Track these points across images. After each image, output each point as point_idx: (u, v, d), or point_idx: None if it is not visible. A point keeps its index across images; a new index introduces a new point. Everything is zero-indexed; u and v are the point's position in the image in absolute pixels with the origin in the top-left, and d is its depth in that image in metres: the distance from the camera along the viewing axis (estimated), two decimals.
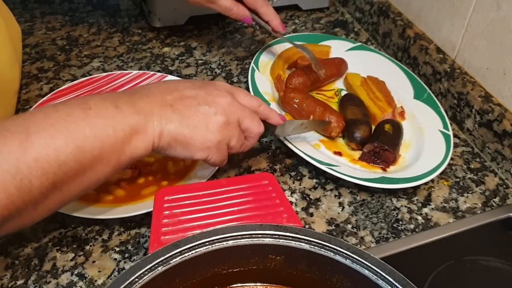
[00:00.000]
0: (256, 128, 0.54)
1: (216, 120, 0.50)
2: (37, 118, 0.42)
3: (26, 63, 0.81)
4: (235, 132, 0.52)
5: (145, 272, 0.38)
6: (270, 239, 0.42)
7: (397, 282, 0.39)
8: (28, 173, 0.39)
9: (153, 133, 0.47)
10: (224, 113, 0.51)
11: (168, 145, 0.49)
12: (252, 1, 0.66)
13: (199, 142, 0.49)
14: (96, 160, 0.43)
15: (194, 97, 0.50)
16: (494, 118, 0.67)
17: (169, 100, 0.49)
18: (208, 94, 0.51)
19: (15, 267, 0.53)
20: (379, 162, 0.66)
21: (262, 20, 0.69)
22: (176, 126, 0.48)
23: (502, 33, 0.66)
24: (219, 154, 0.52)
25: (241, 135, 0.54)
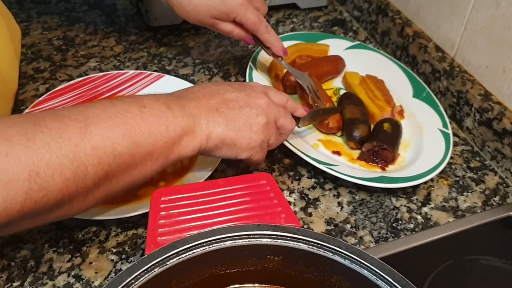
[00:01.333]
0: (290, 125, 0.57)
1: (259, 121, 0.52)
2: (96, 109, 0.43)
3: (22, 63, 0.81)
4: (273, 131, 0.55)
5: (142, 273, 0.38)
6: (268, 240, 0.42)
7: (397, 282, 0.39)
8: (85, 160, 0.40)
9: (201, 136, 0.49)
10: (264, 113, 0.53)
11: (215, 146, 0.51)
12: (253, 27, 0.66)
13: (245, 143, 0.52)
14: (147, 156, 0.45)
15: (236, 99, 0.52)
16: (494, 116, 0.67)
17: (214, 104, 0.51)
18: (247, 96, 0.53)
19: (11, 268, 0.52)
20: (378, 161, 0.65)
21: (263, 45, 0.69)
22: (223, 129, 0.50)
23: (501, 31, 0.66)
24: (261, 152, 0.55)
25: (278, 133, 0.56)
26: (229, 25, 0.66)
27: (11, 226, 0.39)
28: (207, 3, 0.63)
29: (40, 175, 0.38)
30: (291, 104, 0.60)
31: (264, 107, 0.53)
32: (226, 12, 0.64)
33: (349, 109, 0.70)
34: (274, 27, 0.94)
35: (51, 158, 0.38)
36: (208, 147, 0.50)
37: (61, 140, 0.39)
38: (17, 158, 0.37)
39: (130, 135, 0.44)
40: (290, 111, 0.59)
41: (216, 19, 0.65)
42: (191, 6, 0.64)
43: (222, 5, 0.63)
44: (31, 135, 0.38)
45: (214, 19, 0.65)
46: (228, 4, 0.63)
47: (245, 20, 0.65)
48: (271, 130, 0.54)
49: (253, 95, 0.54)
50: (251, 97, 0.53)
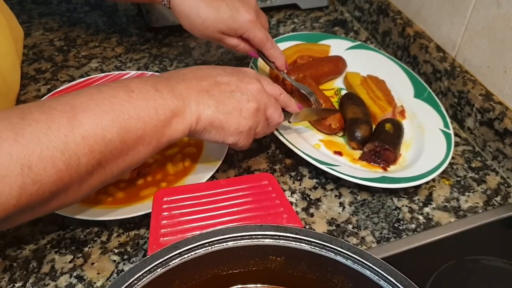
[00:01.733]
0: (278, 117, 0.57)
1: (249, 107, 0.52)
2: (82, 98, 0.43)
3: (24, 64, 0.81)
4: (262, 119, 0.55)
5: (144, 274, 0.38)
6: (270, 240, 0.42)
7: (399, 282, 0.39)
8: (77, 150, 0.40)
9: (191, 117, 0.49)
10: (255, 100, 0.53)
11: (204, 129, 0.50)
12: (259, 43, 0.66)
13: (233, 127, 0.51)
14: (138, 140, 0.45)
15: (228, 83, 0.52)
16: (495, 116, 0.67)
17: (204, 86, 0.51)
18: (240, 80, 0.53)
19: (13, 269, 0.52)
20: (380, 162, 0.65)
21: (267, 59, 0.69)
22: (213, 111, 0.50)
23: (503, 31, 0.66)
24: (248, 138, 0.54)
25: (265, 122, 0.56)
26: (235, 40, 0.66)
27: (9, 220, 0.39)
28: (216, 18, 0.62)
29: (32, 169, 0.38)
30: (284, 97, 0.59)
31: (256, 93, 0.53)
32: (235, 28, 0.63)
33: (351, 109, 0.70)
34: (275, 27, 0.94)
35: (42, 151, 0.38)
36: (197, 129, 0.50)
37: (50, 132, 0.39)
38: (8, 153, 0.37)
39: (119, 121, 0.43)
40: (282, 105, 0.59)
41: (223, 34, 0.64)
42: (199, 20, 0.63)
43: (231, 20, 0.62)
44: (19, 129, 0.38)
45: (221, 34, 0.64)
46: (238, 20, 0.62)
47: (253, 36, 0.64)
48: (260, 117, 0.54)
49: (246, 80, 0.53)
50: (244, 82, 0.53)
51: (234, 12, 0.62)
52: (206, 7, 0.61)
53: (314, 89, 0.71)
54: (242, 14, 0.62)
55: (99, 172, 0.43)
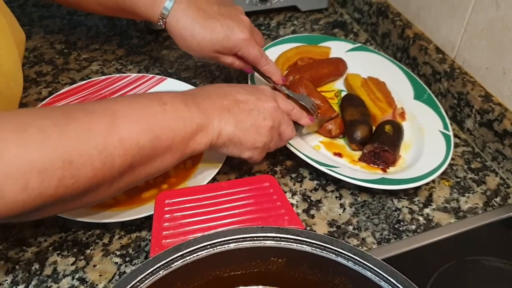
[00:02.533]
0: (290, 133, 0.60)
1: (265, 125, 0.55)
2: (121, 105, 0.47)
3: (25, 67, 0.81)
4: (276, 135, 0.58)
5: (147, 276, 0.38)
6: (271, 242, 0.42)
7: (400, 283, 0.39)
8: (113, 151, 0.43)
9: (213, 132, 0.52)
10: (271, 118, 0.56)
11: (223, 144, 0.54)
12: (254, 60, 0.67)
13: (250, 143, 0.55)
14: (167, 149, 0.48)
15: (246, 102, 0.55)
16: (495, 117, 0.67)
17: (226, 104, 0.54)
18: (257, 99, 0.56)
19: (16, 272, 0.53)
20: (379, 163, 0.66)
21: (263, 75, 0.70)
22: (232, 128, 0.53)
23: (502, 33, 0.66)
24: (262, 153, 0.58)
25: (278, 138, 0.59)
26: (230, 58, 0.67)
27: (42, 210, 0.42)
28: (211, 39, 0.63)
29: (72, 164, 0.41)
30: (296, 112, 0.63)
31: (272, 111, 0.56)
32: (230, 48, 0.65)
33: (349, 111, 0.70)
34: (275, 29, 0.94)
35: (82, 149, 0.41)
36: (217, 144, 0.53)
37: (91, 132, 0.42)
38: (53, 147, 0.40)
39: (152, 129, 0.46)
40: (295, 119, 0.62)
41: (219, 53, 0.66)
42: (195, 42, 0.64)
43: (226, 40, 0.64)
44: (64, 126, 0.41)
45: (217, 53, 0.66)
46: (232, 39, 0.64)
47: (247, 54, 0.66)
48: (274, 134, 0.57)
49: (262, 98, 0.57)
50: (261, 100, 0.56)
51: (229, 32, 0.63)
52: (201, 28, 0.63)
53: (311, 90, 0.71)
54: (236, 34, 0.64)
55: (129, 175, 0.46)
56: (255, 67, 0.69)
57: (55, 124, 0.41)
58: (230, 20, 0.64)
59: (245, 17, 0.67)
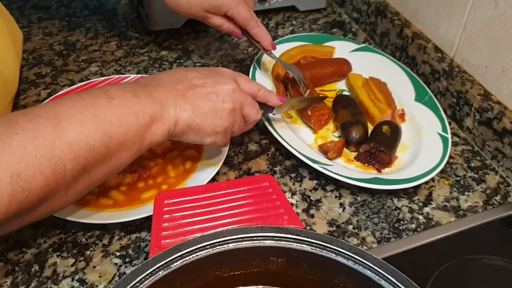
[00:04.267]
0: (254, 115, 0.58)
1: (224, 108, 0.53)
2: (65, 106, 0.44)
3: (24, 68, 0.81)
4: (238, 118, 0.56)
5: (146, 276, 0.38)
6: (271, 241, 0.42)
7: (400, 282, 0.39)
8: (62, 156, 0.41)
9: (169, 121, 0.50)
10: (231, 100, 0.54)
11: (182, 131, 0.52)
12: (244, 21, 0.67)
13: (210, 129, 0.53)
14: (121, 146, 0.46)
15: (203, 85, 0.53)
16: (494, 116, 0.67)
17: (180, 89, 0.52)
18: (215, 82, 0.54)
19: (15, 273, 0.52)
20: (375, 163, 0.66)
21: (253, 39, 0.69)
22: (189, 115, 0.51)
23: (500, 31, 0.66)
24: (225, 138, 0.56)
25: (242, 121, 0.57)
26: (219, 19, 0.67)
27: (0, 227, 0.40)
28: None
29: (21, 177, 0.39)
30: (263, 93, 0.60)
31: (231, 93, 0.54)
32: (219, 6, 0.64)
33: (340, 114, 0.71)
34: (273, 30, 0.94)
35: (29, 159, 0.39)
36: (176, 132, 0.51)
37: (36, 140, 0.40)
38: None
39: (102, 127, 0.44)
40: (262, 100, 0.60)
41: (208, 12, 0.65)
42: (184, 0, 0.64)
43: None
44: (7, 138, 0.39)
45: (206, 13, 0.65)
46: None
47: (237, 14, 0.65)
48: (236, 117, 0.55)
49: (221, 81, 0.54)
50: (219, 83, 0.54)
51: None
52: None
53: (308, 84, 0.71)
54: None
55: (84, 178, 0.44)
56: (244, 31, 0.68)
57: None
58: None
59: None
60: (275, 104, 0.62)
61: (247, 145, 0.70)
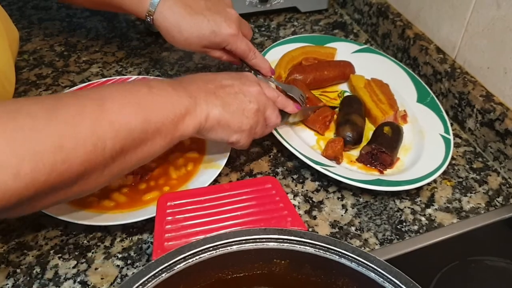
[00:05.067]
0: (275, 119, 0.60)
1: (251, 108, 0.56)
2: (110, 90, 0.47)
3: (25, 69, 0.81)
4: (261, 119, 0.58)
5: (149, 279, 0.38)
6: (274, 243, 0.42)
7: (403, 284, 0.39)
8: (103, 134, 0.43)
9: (201, 116, 0.52)
10: (256, 101, 0.57)
11: (211, 127, 0.54)
12: (242, 54, 0.68)
13: (237, 126, 0.55)
14: (157, 132, 0.48)
15: (231, 86, 0.56)
16: (496, 117, 0.67)
17: (211, 88, 0.55)
18: (242, 83, 0.57)
19: (17, 275, 0.52)
20: (376, 164, 0.65)
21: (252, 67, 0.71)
22: (220, 111, 0.53)
23: (502, 32, 0.66)
24: (249, 138, 0.58)
25: (265, 123, 0.60)
26: (218, 52, 0.68)
27: (35, 201, 0.41)
28: (198, 35, 0.64)
29: (63, 148, 0.40)
30: (281, 100, 0.63)
31: (256, 95, 0.57)
32: (217, 43, 0.66)
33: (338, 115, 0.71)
34: (275, 31, 0.94)
35: (73, 132, 0.41)
36: (206, 127, 0.53)
37: (81, 115, 0.42)
38: (42, 131, 0.40)
39: (142, 112, 0.47)
40: (280, 107, 0.63)
41: (206, 48, 0.67)
42: (182, 38, 0.65)
43: (213, 36, 0.64)
44: (53, 111, 0.41)
45: (205, 48, 0.67)
46: (219, 35, 0.64)
47: (235, 49, 0.67)
48: (260, 117, 0.58)
49: (247, 83, 0.58)
50: (246, 84, 0.57)
51: (216, 28, 0.64)
52: (188, 25, 0.63)
53: (305, 91, 0.72)
54: (223, 29, 0.64)
55: (120, 160, 0.46)
56: (243, 60, 0.70)
57: (44, 109, 0.41)
58: (217, 15, 0.64)
59: (232, 10, 0.67)
60: (292, 111, 0.64)
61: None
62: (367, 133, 0.70)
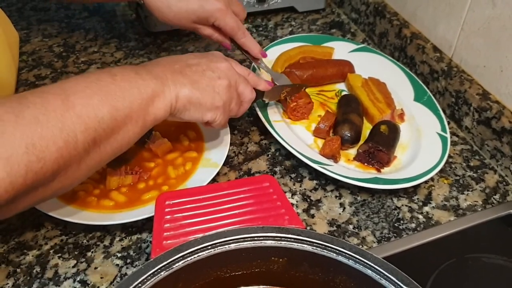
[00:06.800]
0: (249, 93, 0.60)
1: (221, 83, 0.56)
2: (71, 83, 0.46)
3: (23, 70, 0.81)
4: (234, 95, 0.58)
5: (148, 277, 0.38)
6: (272, 242, 0.42)
7: (400, 281, 0.39)
8: (73, 128, 0.43)
9: (170, 96, 0.52)
10: (226, 76, 0.57)
11: (184, 107, 0.54)
12: (231, 31, 0.69)
13: (209, 103, 0.55)
14: (127, 118, 0.48)
15: (198, 64, 0.56)
16: (493, 115, 0.67)
17: (177, 68, 0.55)
18: (209, 61, 0.57)
19: (17, 275, 0.53)
20: (374, 163, 0.66)
21: (242, 49, 0.71)
22: (189, 89, 0.53)
23: (498, 31, 0.66)
24: (224, 115, 0.57)
25: (239, 98, 0.60)
26: (208, 29, 0.69)
27: (16, 202, 0.41)
28: (187, 10, 0.66)
29: (36, 147, 0.40)
30: (252, 77, 0.63)
31: (226, 70, 0.57)
32: (206, 17, 0.67)
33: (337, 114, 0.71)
34: (272, 30, 0.94)
35: (42, 130, 0.41)
36: (177, 107, 0.53)
37: (47, 112, 0.42)
38: (12, 134, 0.39)
39: (108, 100, 0.46)
40: (252, 84, 0.62)
41: (196, 23, 0.68)
42: (172, 14, 0.66)
43: (201, 11, 0.66)
44: (19, 112, 0.41)
45: (195, 24, 0.68)
46: (207, 10, 0.66)
47: (223, 25, 0.68)
48: (232, 93, 0.58)
49: (214, 59, 0.58)
50: (213, 61, 0.57)
51: (203, 2, 0.66)
52: (176, 0, 0.65)
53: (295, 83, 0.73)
54: (211, 3, 0.66)
55: (95, 151, 0.46)
56: (234, 42, 0.70)
57: (9, 110, 0.41)
58: None
59: None
60: (264, 88, 0.65)
61: (247, 145, 0.70)
62: (365, 132, 0.70)
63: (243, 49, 0.71)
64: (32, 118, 0.41)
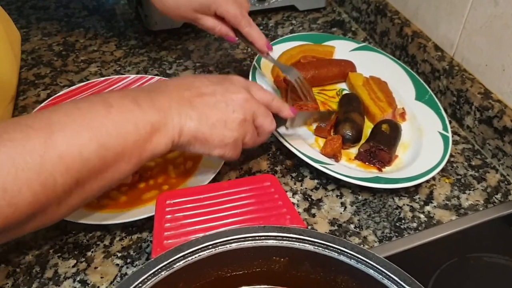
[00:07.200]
0: (269, 126, 0.55)
1: (234, 118, 0.50)
2: (59, 115, 0.42)
3: (23, 69, 0.81)
4: (250, 129, 0.53)
5: (149, 277, 0.38)
6: (273, 241, 0.42)
7: (402, 281, 0.39)
8: (53, 170, 0.39)
9: (173, 131, 0.47)
10: (241, 110, 0.51)
11: (188, 142, 0.49)
12: (234, 20, 0.64)
13: (218, 140, 0.50)
14: (118, 157, 0.43)
15: (212, 93, 0.50)
16: (494, 114, 0.67)
17: (187, 96, 0.49)
18: (225, 90, 0.51)
19: (17, 275, 0.52)
20: (375, 162, 0.66)
21: (247, 41, 0.67)
22: (195, 124, 0.48)
23: (500, 29, 0.66)
24: (235, 150, 0.53)
25: (255, 132, 0.54)
26: (211, 19, 0.65)
27: None
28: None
29: (7, 191, 0.37)
30: (276, 103, 0.57)
31: (242, 103, 0.51)
32: (207, 5, 0.63)
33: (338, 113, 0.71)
34: (273, 29, 0.94)
35: (16, 173, 0.37)
36: (180, 143, 0.48)
37: (25, 152, 0.38)
38: None
39: (97, 138, 0.42)
40: (275, 111, 0.57)
41: (197, 12, 0.64)
42: (172, 3, 0.63)
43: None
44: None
45: (196, 13, 0.64)
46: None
47: (226, 12, 0.63)
48: (247, 127, 0.52)
49: (231, 89, 0.51)
50: (229, 91, 0.51)
51: None
52: None
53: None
54: None
55: (78, 191, 0.42)
56: (239, 33, 0.66)
57: None
58: None
59: None
60: (288, 115, 0.59)
61: None
62: (366, 131, 0.70)
63: (248, 41, 0.67)
64: (6, 159, 0.37)
